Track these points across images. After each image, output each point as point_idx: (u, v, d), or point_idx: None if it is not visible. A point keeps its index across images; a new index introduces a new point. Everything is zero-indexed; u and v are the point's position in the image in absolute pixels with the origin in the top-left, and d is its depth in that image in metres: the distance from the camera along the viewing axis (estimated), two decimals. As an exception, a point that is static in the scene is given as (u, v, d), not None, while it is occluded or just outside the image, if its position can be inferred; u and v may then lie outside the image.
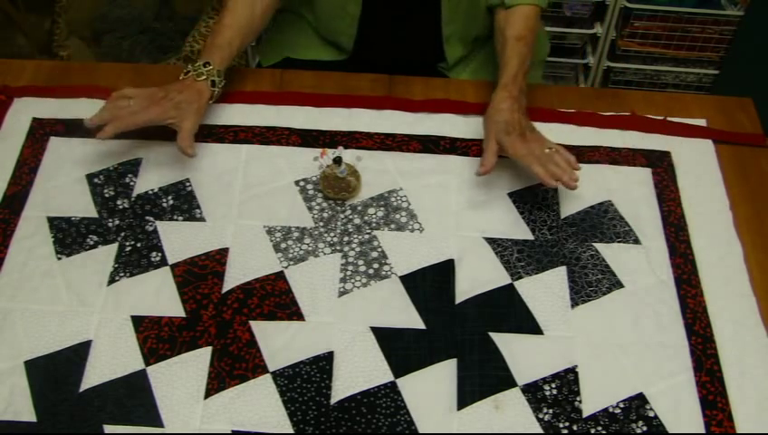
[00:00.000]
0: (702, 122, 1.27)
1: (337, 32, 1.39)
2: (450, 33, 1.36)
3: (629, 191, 1.17)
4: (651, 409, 0.97)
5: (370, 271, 1.08)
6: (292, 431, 0.94)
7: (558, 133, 1.23)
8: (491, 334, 1.02)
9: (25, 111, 1.25)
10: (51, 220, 1.12)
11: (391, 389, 0.98)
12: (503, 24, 1.22)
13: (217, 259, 1.08)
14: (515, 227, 1.13)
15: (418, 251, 1.10)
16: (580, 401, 0.97)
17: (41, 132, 1.23)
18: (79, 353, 1.00)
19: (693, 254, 1.11)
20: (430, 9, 1.33)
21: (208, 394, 0.97)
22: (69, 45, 2.10)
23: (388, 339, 1.01)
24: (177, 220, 1.13)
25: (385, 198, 1.16)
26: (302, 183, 1.17)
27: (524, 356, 1.00)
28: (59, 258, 1.09)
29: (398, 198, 1.16)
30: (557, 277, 1.08)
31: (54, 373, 0.98)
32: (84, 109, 1.24)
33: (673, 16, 2.15)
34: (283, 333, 1.02)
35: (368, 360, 1.00)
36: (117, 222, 1.12)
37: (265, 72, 1.38)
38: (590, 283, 1.07)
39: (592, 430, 0.95)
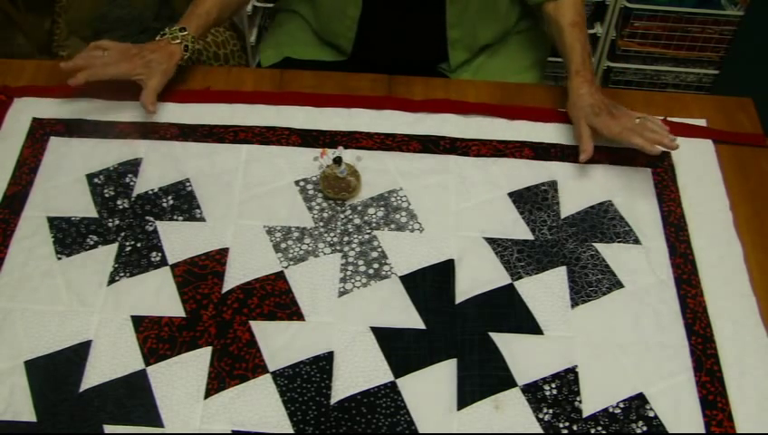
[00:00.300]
0: (702, 122, 1.27)
1: (336, 34, 1.39)
2: (456, 38, 1.36)
3: (629, 191, 1.17)
4: (651, 409, 0.97)
5: (370, 271, 1.08)
6: (292, 431, 0.94)
7: (558, 134, 1.23)
8: (491, 334, 1.02)
9: (25, 110, 1.25)
10: (51, 220, 1.12)
11: (391, 389, 0.98)
12: (554, 15, 1.28)
13: (217, 259, 1.08)
14: (515, 227, 1.13)
15: (418, 251, 1.10)
16: (580, 401, 0.97)
17: (41, 132, 1.22)
18: (79, 353, 1.00)
19: (693, 254, 1.11)
20: (434, 11, 1.33)
21: (208, 394, 0.97)
22: (69, 45, 2.10)
23: (388, 339, 1.01)
24: (177, 220, 1.13)
25: (385, 198, 1.16)
26: (302, 183, 1.17)
27: (524, 356, 1.00)
28: (59, 258, 1.09)
29: (398, 198, 1.16)
30: (557, 277, 1.08)
31: (54, 373, 0.98)
32: (84, 109, 1.25)
33: (673, 16, 2.15)
34: (283, 333, 1.02)
35: (368, 360, 1.00)
36: (117, 222, 1.12)
37: (265, 72, 1.38)
38: (590, 283, 1.07)
39: (592, 430, 0.95)
